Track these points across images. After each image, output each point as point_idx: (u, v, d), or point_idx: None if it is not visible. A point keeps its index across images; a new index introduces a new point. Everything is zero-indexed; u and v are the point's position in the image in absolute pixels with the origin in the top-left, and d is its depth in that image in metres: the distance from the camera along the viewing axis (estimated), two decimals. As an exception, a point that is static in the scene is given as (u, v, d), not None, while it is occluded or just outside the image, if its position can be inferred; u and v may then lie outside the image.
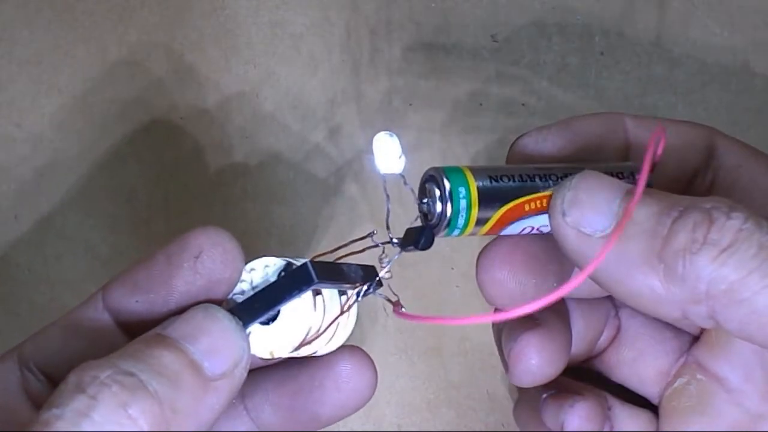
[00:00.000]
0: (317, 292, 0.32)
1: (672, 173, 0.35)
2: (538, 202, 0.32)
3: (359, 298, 0.33)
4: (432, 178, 0.31)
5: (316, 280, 0.31)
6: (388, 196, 0.32)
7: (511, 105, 0.57)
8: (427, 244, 0.32)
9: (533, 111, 0.57)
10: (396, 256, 0.33)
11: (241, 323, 0.30)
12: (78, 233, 0.56)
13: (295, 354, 0.32)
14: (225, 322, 0.29)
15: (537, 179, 0.32)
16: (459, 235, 0.31)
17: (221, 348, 0.29)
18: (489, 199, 0.31)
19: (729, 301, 0.28)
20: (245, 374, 0.30)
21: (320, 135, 0.57)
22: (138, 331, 0.31)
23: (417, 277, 0.55)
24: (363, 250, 0.33)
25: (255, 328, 0.31)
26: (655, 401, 0.38)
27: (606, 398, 0.37)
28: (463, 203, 0.30)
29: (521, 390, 0.38)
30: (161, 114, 0.57)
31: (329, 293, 0.32)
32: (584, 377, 0.39)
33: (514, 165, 0.33)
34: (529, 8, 0.58)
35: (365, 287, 0.33)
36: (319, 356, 0.34)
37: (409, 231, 0.33)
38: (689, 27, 0.57)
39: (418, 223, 0.32)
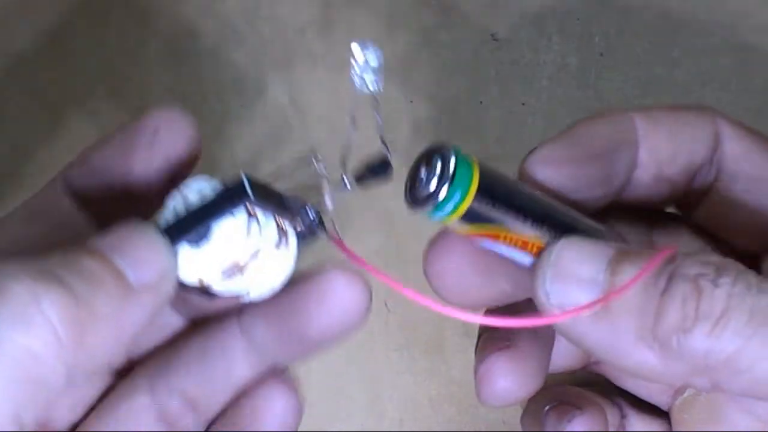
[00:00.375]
0: (251, 215, 0.30)
1: (678, 169, 0.34)
2: (515, 240, 0.31)
3: (298, 231, 0.31)
4: (440, 153, 0.30)
5: (251, 196, 0.29)
6: (353, 120, 0.30)
7: (511, 104, 0.57)
8: (383, 171, 0.30)
9: (533, 110, 0.57)
10: (346, 188, 0.31)
11: (169, 240, 0.29)
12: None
13: (225, 288, 0.30)
14: (152, 235, 0.28)
15: (528, 217, 0.30)
16: (437, 220, 0.30)
17: (146, 259, 0.28)
18: (477, 213, 0.30)
19: (730, 372, 0.27)
20: (171, 291, 0.28)
21: (320, 134, 0.57)
22: (98, 213, 0.30)
23: (417, 275, 0.55)
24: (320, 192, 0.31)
25: (185, 249, 0.29)
26: (664, 408, 0.37)
27: (621, 406, 0.37)
28: (456, 197, 0.30)
29: (528, 399, 0.38)
30: (156, 103, 0.57)
31: (266, 222, 0.31)
32: (600, 381, 0.38)
33: (518, 188, 0.32)
34: (529, 8, 0.58)
35: (306, 218, 0.31)
36: (279, 288, 0.31)
37: (367, 162, 0.31)
38: (689, 27, 0.57)
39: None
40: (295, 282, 0.31)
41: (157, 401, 0.31)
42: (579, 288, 0.28)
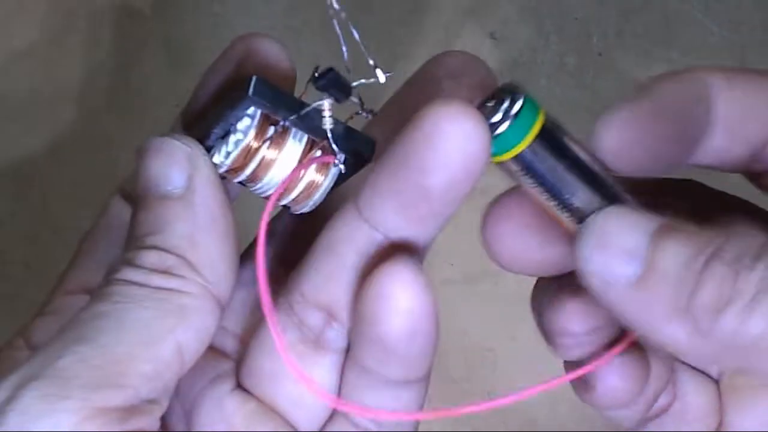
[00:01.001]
0: (271, 123, 0.30)
1: (755, 130, 0.33)
2: (554, 213, 0.31)
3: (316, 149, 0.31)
4: (511, 91, 0.29)
5: (250, 95, 0.29)
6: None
7: (510, 104, 0.58)
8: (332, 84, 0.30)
9: (532, 110, 0.57)
10: (326, 101, 0.30)
11: (189, 140, 0.30)
12: (72, 223, 0.56)
13: (255, 187, 0.31)
14: (168, 145, 0.30)
15: (579, 180, 0.30)
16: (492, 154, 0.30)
17: (171, 168, 0.30)
18: (529, 160, 0.29)
19: (753, 354, 0.28)
20: (215, 176, 0.30)
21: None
22: None
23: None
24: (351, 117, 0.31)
25: (215, 148, 0.30)
26: (714, 375, 0.36)
27: (670, 359, 0.36)
28: (515, 136, 0.29)
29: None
30: (154, 102, 0.58)
31: (292, 137, 0.30)
32: None
33: (578, 150, 0.31)
34: (528, 7, 0.58)
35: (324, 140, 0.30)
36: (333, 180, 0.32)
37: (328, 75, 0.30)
38: (688, 27, 0.57)
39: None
40: (401, 134, 0.30)
41: (297, 318, 0.31)
42: (619, 258, 0.29)
